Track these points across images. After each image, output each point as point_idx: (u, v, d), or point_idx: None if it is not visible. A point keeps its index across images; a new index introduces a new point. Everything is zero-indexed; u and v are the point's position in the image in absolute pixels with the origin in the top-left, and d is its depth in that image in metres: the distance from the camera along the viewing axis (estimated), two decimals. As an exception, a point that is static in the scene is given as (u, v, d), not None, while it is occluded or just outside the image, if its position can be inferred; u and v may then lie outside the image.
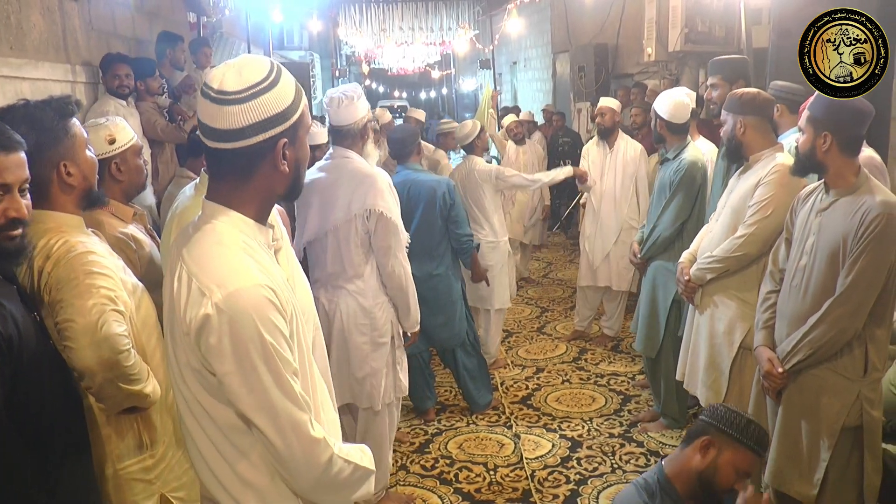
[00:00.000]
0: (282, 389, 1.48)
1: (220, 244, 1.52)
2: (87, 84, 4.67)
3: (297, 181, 1.65)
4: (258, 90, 1.51)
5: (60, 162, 2.20)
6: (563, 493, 3.84)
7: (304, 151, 1.65)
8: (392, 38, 17.42)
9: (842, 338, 2.59)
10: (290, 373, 1.51)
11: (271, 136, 1.53)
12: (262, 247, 1.60)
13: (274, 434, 1.49)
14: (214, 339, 1.44)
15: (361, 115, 3.38)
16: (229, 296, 1.44)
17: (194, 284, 1.48)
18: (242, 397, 1.47)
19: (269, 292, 1.48)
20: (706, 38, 7.24)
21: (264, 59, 1.58)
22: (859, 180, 2.63)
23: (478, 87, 22.45)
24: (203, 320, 1.44)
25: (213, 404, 1.52)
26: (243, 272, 1.48)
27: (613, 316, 5.99)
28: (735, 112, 3.29)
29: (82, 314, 2.03)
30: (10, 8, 3.74)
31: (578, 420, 4.69)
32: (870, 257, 2.50)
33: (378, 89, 32.13)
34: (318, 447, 1.54)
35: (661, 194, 4.33)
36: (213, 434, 1.55)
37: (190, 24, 7.64)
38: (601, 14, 10.32)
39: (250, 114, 1.50)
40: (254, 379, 1.46)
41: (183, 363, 1.52)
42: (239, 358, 1.45)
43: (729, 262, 3.27)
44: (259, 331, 1.45)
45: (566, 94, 12.42)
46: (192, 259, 1.52)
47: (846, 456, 2.68)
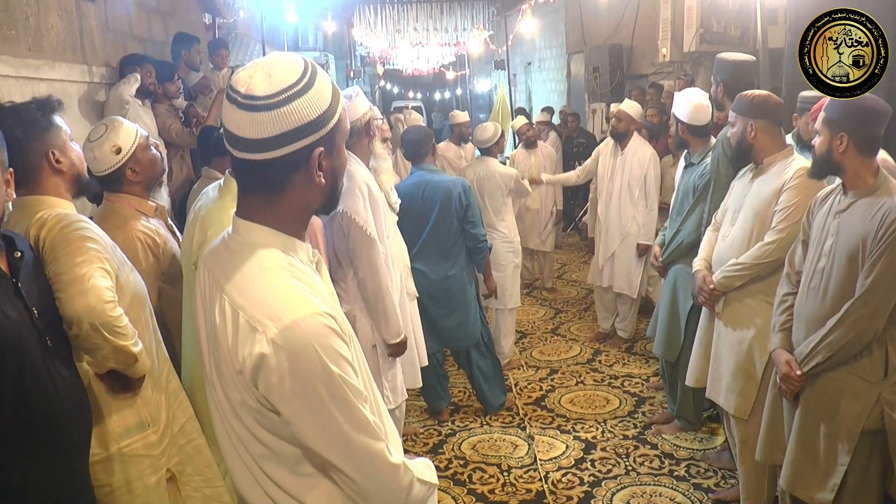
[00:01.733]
0: (355, 423, 1.36)
1: (262, 269, 1.38)
2: (103, 85, 4.70)
3: (333, 193, 1.49)
4: (290, 94, 1.33)
5: (49, 150, 2.34)
6: (576, 495, 3.82)
7: (341, 160, 1.48)
8: (406, 39, 17.45)
9: (861, 340, 2.56)
10: (361, 401, 1.38)
11: (306, 146, 1.36)
12: (306, 263, 1.47)
13: (352, 470, 1.39)
14: (275, 378, 1.29)
15: (361, 112, 3.41)
16: (286, 329, 1.29)
17: (242, 318, 1.32)
18: (313, 437, 1.35)
19: (329, 319, 1.33)
20: (721, 38, 7.21)
21: (297, 59, 1.40)
22: (878, 181, 2.61)
23: (492, 88, 22.43)
24: (259, 359, 1.29)
25: (275, 441, 1.39)
26: (296, 300, 1.33)
27: (627, 318, 5.98)
28: (745, 115, 3.26)
29: (71, 267, 2.14)
30: (28, 10, 3.77)
31: (592, 422, 4.68)
32: (890, 258, 2.47)
33: (393, 90, 32.17)
34: (398, 473, 1.45)
35: (685, 199, 4.29)
36: (274, 469, 1.42)
37: (205, 26, 7.68)
38: (616, 14, 10.29)
39: (282, 121, 1.32)
40: (324, 417, 1.33)
41: (237, 402, 1.38)
42: (305, 396, 1.31)
43: (760, 268, 3.21)
44: (324, 364, 1.31)
45: (581, 94, 12.40)
46: (234, 288, 1.37)
47: (866, 460, 2.64)
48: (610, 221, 5.77)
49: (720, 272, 3.35)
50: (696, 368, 3.64)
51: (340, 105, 1.43)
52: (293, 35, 16.41)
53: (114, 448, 2.29)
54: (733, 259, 3.30)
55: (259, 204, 1.42)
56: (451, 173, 6.45)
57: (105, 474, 2.28)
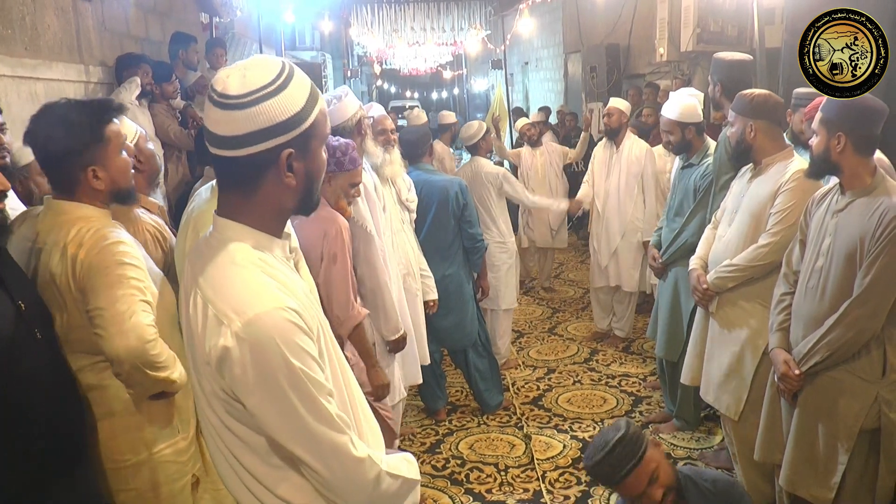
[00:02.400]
0: (317, 415, 1.39)
1: (233, 264, 1.42)
2: (100, 84, 4.70)
3: (308, 195, 1.51)
4: (261, 95, 1.38)
5: (89, 167, 2.24)
6: (574, 494, 3.83)
7: (316, 164, 1.50)
8: (404, 39, 17.45)
9: (860, 339, 2.57)
10: (325, 395, 1.42)
11: (275, 146, 1.40)
12: (280, 260, 1.50)
13: (315, 462, 1.42)
14: (238, 370, 1.34)
15: (351, 112, 3.41)
16: (249, 323, 1.33)
17: (210, 311, 1.37)
18: (276, 428, 1.39)
19: (292, 314, 1.37)
20: (718, 38, 7.21)
21: (275, 62, 1.44)
22: (875, 181, 2.61)
23: (489, 88, 22.44)
24: (223, 351, 1.34)
25: (245, 431, 1.43)
26: (261, 295, 1.37)
27: (624, 317, 5.98)
28: (745, 115, 3.25)
29: (112, 303, 2.09)
30: (24, 9, 3.77)
31: (590, 421, 4.68)
32: (888, 258, 2.48)
33: (390, 90, 32.22)
34: (363, 467, 1.47)
35: (685, 200, 4.28)
36: (248, 459, 1.46)
37: (202, 25, 7.67)
38: (613, 14, 10.29)
39: (252, 120, 1.38)
40: (286, 408, 1.37)
41: (209, 392, 1.43)
42: (267, 388, 1.35)
43: (753, 270, 3.22)
44: (285, 357, 1.34)
45: (578, 94, 12.40)
46: (206, 282, 1.41)
47: (864, 459, 2.65)
48: (609, 219, 5.77)
49: (714, 272, 3.37)
50: (691, 367, 3.66)
51: (317, 110, 1.46)
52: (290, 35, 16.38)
53: (144, 454, 2.29)
54: (727, 260, 3.31)
55: (235, 201, 1.47)
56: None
57: (133, 478, 2.29)
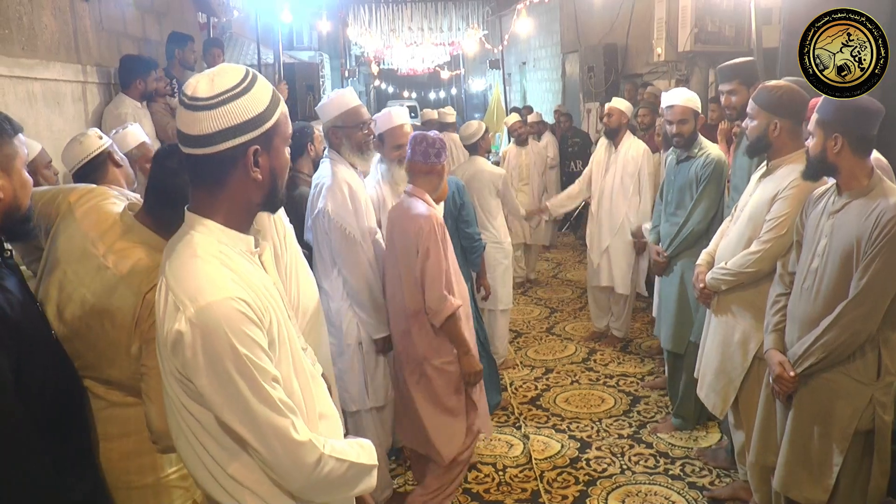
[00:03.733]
0: (259, 397, 1.49)
1: (194, 256, 1.53)
2: (98, 84, 4.69)
3: (274, 191, 1.64)
4: (227, 97, 1.51)
5: None
6: (572, 494, 3.83)
7: (280, 161, 1.63)
8: (401, 39, 17.46)
9: (855, 341, 2.57)
10: (269, 381, 1.51)
11: (241, 143, 1.53)
12: (244, 255, 1.60)
13: (256, 442, 1.51)
14: (189, 353, 1.45)
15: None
16: (201, 310, 1.45)
17: (170, 298, 1.49)
18: (222, 408, 1.48)
19: (241, 304, 1.48)
20: (716, 38, 7.22)
21: (240, 68, 1.58)
22: (872, 182, 2.61)
23: (487, 88, 22.44)
24: (177, 335, 1.45)
25: (198, 409, 1.53)
26: (215, 285, 1.48)
27: (621, 317, 5.99)
28: (771, 111, 3.11)
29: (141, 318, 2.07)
30: (21, 9, 3.76)
31: (587, 421, 4.68)
32: (884, 260, 2.48)
33: (387, 90, 32.17)
34: (302, 449, 1.55)
35: (685, 192, 4.30)
36: (203, 437, 1.56)
37: (200, 25, 7.66)
38: (611, 14, 10.29)
39: (219, 120, 1.50)
40: (231, 390, 1.47)
41: (167, 372, 1.54)
42: (215, 371, 1.46)
43: (742, 276, 3.22)
44: (232, 343, 1.45)
45: (576, 94, 12.40)
46: (170, 271, 1.53)
47: (858, 461, 2.66)
48: (602, 218, 5.78)
49: (711, 272, 3.38)
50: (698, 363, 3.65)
51: (279, 111, 1.60)
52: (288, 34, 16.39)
53: (151, 478, 2.29)
54: (723, 262, 3.32)
55: (204, 198, 1.59)
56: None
57: (138, 502, 2.28)
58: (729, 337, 3.34)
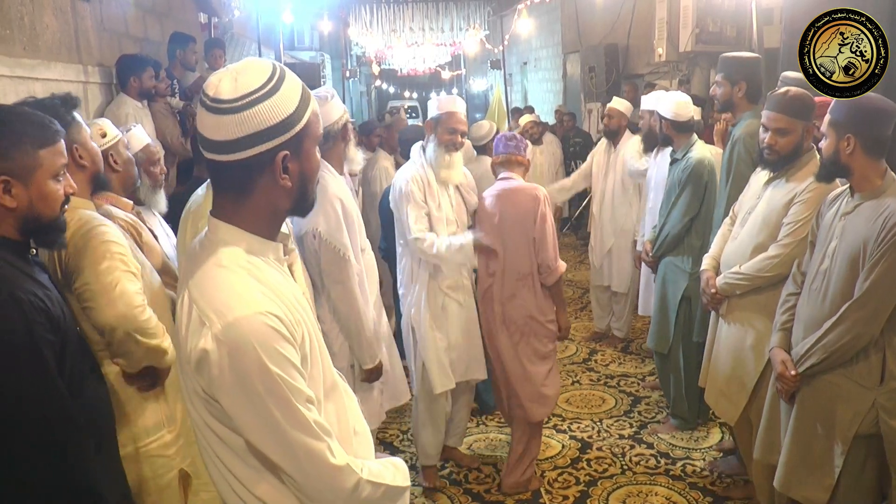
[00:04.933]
0: (293, 421, 1.39)
1: (219, 266, 1.42)
2: (99, 84, 4.69)
3: (303, 196, 1.51)
4: (254, 98, 1.38)
5: (73, 145, 2.35)
6: (572, 494, 3.83)
7: (310, 164, 1.50)
8: (402, 39, 17.45)
9: (857, 343, 2.55)
10: (303, 402, 1.40)
11: (270, 149, 1.41)
12: (273, 263, 1.50)
13: (290, 467, 1.42)
14: (216, 371, 1.35)
15: (336, 115, 3.18)
16: (228, 326, 1.34)
17: (194, 312, 1.38)
18: (252, 431, 1.39)
19: (273, 320, 1.37)
20: (717, 38, 7.23)
21: (266, 64, 1.45)
22: (885, 183, 2.58)
23: (488, 88, 22.44)
24: (202, 353, 1.35)
25: (224, 430, 1.43)
26: (244, 299, 1.37)
27: (622, 317, 5.99)
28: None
29: (98, 276, 2.19)
30: (23, 9, 3.76)
31: (588, 421, 4.68)
32: (890, 262, 2.45)
33: (388, 90, 32.15)
34: (340, 475, 1.46)
35: (671, 194, 4.33)
36: (229, 458, 1.46)
37: (201, 25, 7.67)
38: (612, 14, 10.30)
39: (246, 124, 1.38)
40: (262, 412, 1.37)
41: (190, 390, 1.44)
42: (244, 391, 1.36)
43: (759, 280, 3.17)
44: (263, 362, 1.34)
45: (577, 94, 12.41)
46: (193, 283, 1.42)
47: (860, 464, 2.63)
48: (604, 219, 5.80)
49: (723, 277, 3.33)
50: (706, 369, 3.61)
51: (310, 111, 1.47)
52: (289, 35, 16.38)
53: (130, 447, 2.34)
54: (737, 266, 3.26)
55: (228, 204, 1.47)
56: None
57: None
58: (741, 342, 3.29)
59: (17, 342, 1.72)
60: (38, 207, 1.92)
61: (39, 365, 1.75)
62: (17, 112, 1.90)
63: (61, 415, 1.79)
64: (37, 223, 1.93)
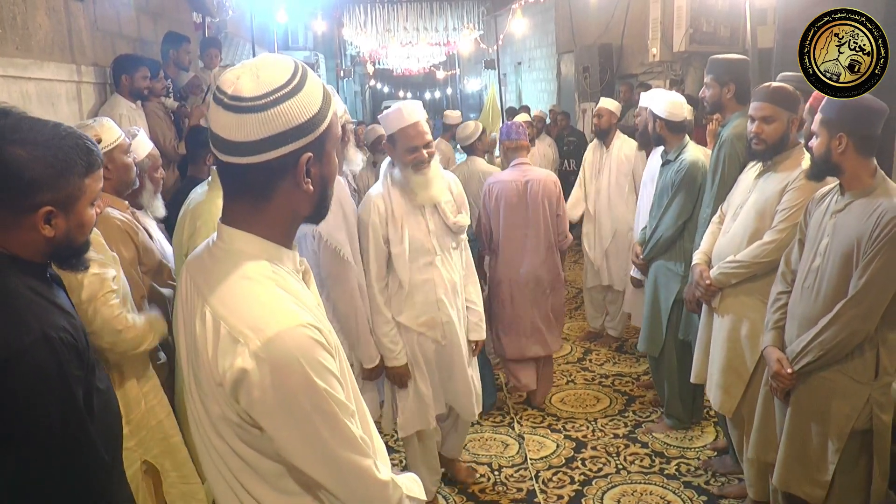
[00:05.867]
0: (341, 439, 1.31)
1: (246, 278, 1.32)
2: (92, 84, 4.68)
3: (323, 201, 1.43)
4: (279, 96, 1.28)
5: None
6: (567, 494, 3.83)
7: (331, 167, 1.41)
8: (397, 39, 17.45)
9: (853, 340, 2.57)
10: (348, 416, 1.33)
11: (294, 151, 1.30)
12: (292, 273, 1.40)
13: (338, 488, 1.35)
14: (258, 392, 1.24)
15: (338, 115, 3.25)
16: (269, 342, 1.23)
17: (223, 329, 1.27)
18: (297, 453, 1.30)
19: (314, 331, 1.28)
20: (711, 38, 7.24)
21: (287, 60, 1.35)
22: (875, 182, 2.61)
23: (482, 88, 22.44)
24: (240, 373, 1.24)
25: (255, 457, 1.34)
26: (280, 311, 1.27)
27: (616, 317, 5.99)
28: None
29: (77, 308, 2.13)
30: (15, 9, 3.75)
31: (583, 420, 4.69)
32: (884, 260, 2.48)
33: (383, 90, 32.15)
34: (386, 491, 1.41)
35: (663, 195, 4.32)
36: (257, 487, 1.36)
37: (195, 25, 7.65)
38: (606, 14, 10.30)
39: (270, 124, 1.27)
40: (309, 432, 1.28)
41: (216, 415, 1.32)
42: (289, 411, 1.26)
43: (756, 267, 3.19)
44: (309, 377, 1.25)
45: (571, 94, 12.41)
46: (216, 298, 1.31)
47: (854, 459, 2.66)
48: (601, 219, 5.80)
49: (717, 268, 3.35)
50: (698, 364, 3.63)
51: (332, 109, 1.38)
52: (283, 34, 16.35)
53: None
54: (731, 256, 3.29)
55: (244, 210, 1.36)
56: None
57: None
58: (736, 332, 3.31)
59: (50, 384, 1.65)
60: (74, 235, 1.84)
61: (70, 403, 1.70)
62: (64, 135, 1.77)
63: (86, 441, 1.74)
64: (68, 250, 1.86)
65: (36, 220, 1.72)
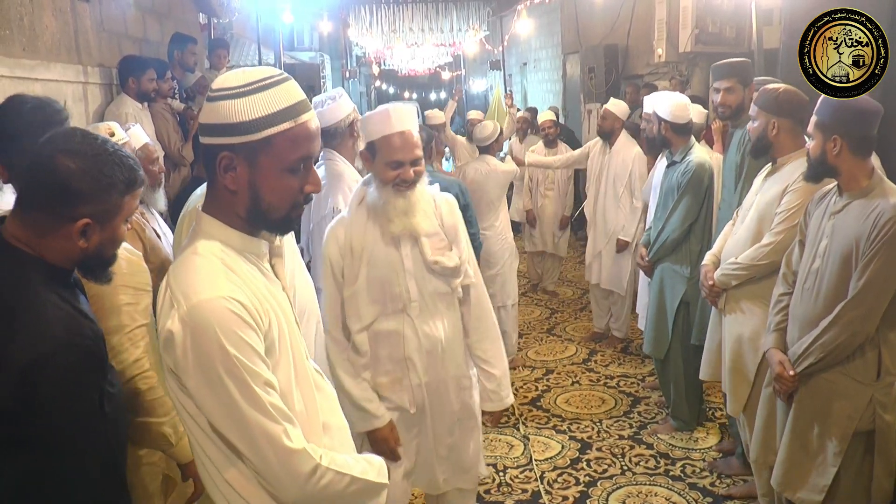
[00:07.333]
0: (250, 402, 1.43)
1: (195, 253, 1.50)
2: (99, 85, 4.69)
3: (255, 208, 1.53)
4: (225, 94, 1.48)
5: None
6: (572, 495, 3.83)
7: (269, 183, 1.51)
8: (402, 40, 17.43)
9: (854, 341, 2.57)
10: (261, 384, 1.44)
11: (214, 145, 1.50)
12: (250, 257, 1.56)
13: (247, 448, 1.45)
14: (180, 352, 1.41)
15: (345, 113, 3.42)
16: (192, 308, 1.41)
17: (168, 294, 1.47)
18: (211, 411, 1.44)
19: (234, 304, 1.43)
20: (717, 38, 7.22)
21: (262, 72, 1.52)
22: (873, 182, 2.61)
23: (488, 88, 22.42)
24: (169, 333, 1.42)
25: (194, 408, 1.48)
26: (210, 283, 1.44)
27: (621, 318, 6.00)
28: (769, 111, 3.19)
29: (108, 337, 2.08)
30: (22, 10, 3.76)
31: (588, 421, 4.68)
32: (883, 260, 2.48)
33: (388, 90, 32.14)
34: (296, 458, 1.47)
35: (669, 197, 4.31)
36: (201, 438, 1.50)
37: (201, 26, 7.66)
38: (611, 15, 10.28)
39: (210, 114, 1.50)
40: (220, 392, 1.42)
41: (166, 369, 1.50)
42: (204, 371, 1.41)
43: (755, 269, 3.21)
44: (222, 343, 1.40)
45: (576, 95, 12.38)
46: (172, 269, 1.52)
47: (859, 461, 2.66)
48: (597, 220, 5.86)
49: (719, 269, 3.37)
50: (707, 363, 3.64)
51: (276, 129, 1.48)
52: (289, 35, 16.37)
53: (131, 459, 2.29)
54: (733, 258, 3.30)
55: (209, 196, 1.58)
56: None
57: None
58: (741, 334, 3.32)
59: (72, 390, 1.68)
60: (105, 248, 1.87)
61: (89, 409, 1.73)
62: (111, 151, 1.81)
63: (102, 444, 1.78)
64: (96, 261, 1.87)
65: (73, 231, 1.76)
